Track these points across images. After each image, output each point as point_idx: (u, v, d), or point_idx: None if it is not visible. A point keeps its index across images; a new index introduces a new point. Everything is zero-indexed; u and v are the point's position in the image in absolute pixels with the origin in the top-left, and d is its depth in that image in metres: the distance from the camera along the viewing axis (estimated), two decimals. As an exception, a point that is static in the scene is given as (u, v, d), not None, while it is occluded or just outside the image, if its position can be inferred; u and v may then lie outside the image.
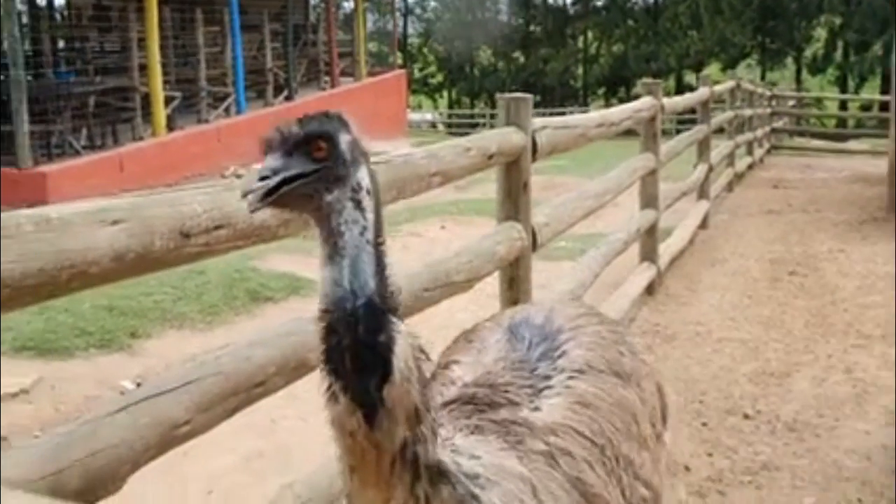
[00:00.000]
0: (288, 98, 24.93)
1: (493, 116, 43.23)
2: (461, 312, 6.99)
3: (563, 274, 7.09)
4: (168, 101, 19.57)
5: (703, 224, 12.12)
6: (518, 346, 2.48)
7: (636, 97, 9.09)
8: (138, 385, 6.95)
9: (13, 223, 1.89)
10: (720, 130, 14.72)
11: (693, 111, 13.57)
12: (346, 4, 39.14)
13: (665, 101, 9.18)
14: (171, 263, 2.34)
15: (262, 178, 1.86)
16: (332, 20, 29.43)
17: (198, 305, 8.61)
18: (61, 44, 22.51)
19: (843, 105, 41.97)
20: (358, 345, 1.85)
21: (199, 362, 2.63)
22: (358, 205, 1.92)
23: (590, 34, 57.09)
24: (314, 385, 2.98)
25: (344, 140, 1.94)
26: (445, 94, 60.19)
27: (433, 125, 48.72)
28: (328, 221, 1.90)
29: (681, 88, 45.83)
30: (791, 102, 29.01)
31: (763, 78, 46.06)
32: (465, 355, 2.51)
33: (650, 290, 8.72)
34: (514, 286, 4.92)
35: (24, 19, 20.74)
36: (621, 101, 48.35)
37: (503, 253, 4.58)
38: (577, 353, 2.47)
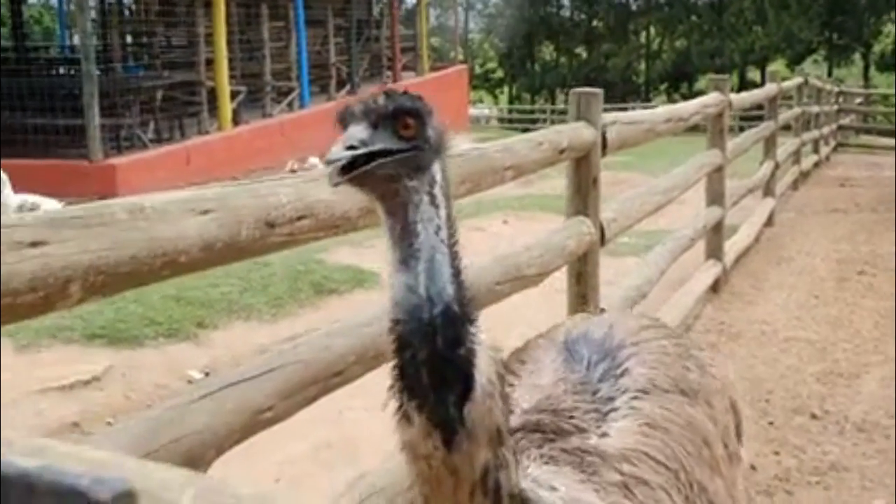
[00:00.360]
0: (350, 92, 25.05)
1: (553, 112, 43.19)
2: (529, 309, 7.00)
3: (628, 270, 7.07)
4: (233, 95, 19.79)
5: (769, 222, 11.98)
6: (576, 366, 2.31)
7: (699, 93, 9.02)
8: (206, 374, 7.07)
9: (108, 211, 1.94)
10: (786, 127, 14.55)
11: (758, 108, 13.41)
12: (408, 0, 39.32)
13: (733, 97, 9.10)
14: (256, 253, 2.38)
15: (349, 148, 1.69)
16: (395, 15, 29.54)
17: (263, 297, 8.70)
18: (129, 38, 22.86)
19: (912, 102, 41.15)
20: (436, 358, 1.68)
21: (279, 351, 2.67)
22: (433, 200, 1.76)
23: (652, 29, 56.72)
24: (381, 377, 3.01)
25: (432, 124, 1.80)
26: (506, 89, 60.13)
27: (487, 120, 48.58)
28: (404, 214, 1.74)
29: (744, 84, 45.33)
30: (858, 99, 28.55)
31: (830, 74, 45.35)
32: (519, 378, 2.34)
33: (715, 287, 8.65)
34: (583, 281, 4.93)
35: (94, 14, 21.08)
36: (683, 96, 47.97)
37: (573, 247, 4.59)
38: (639, 371, 2.30)
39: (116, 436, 2.22)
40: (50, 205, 11.21)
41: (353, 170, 1.68)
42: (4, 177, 11.29)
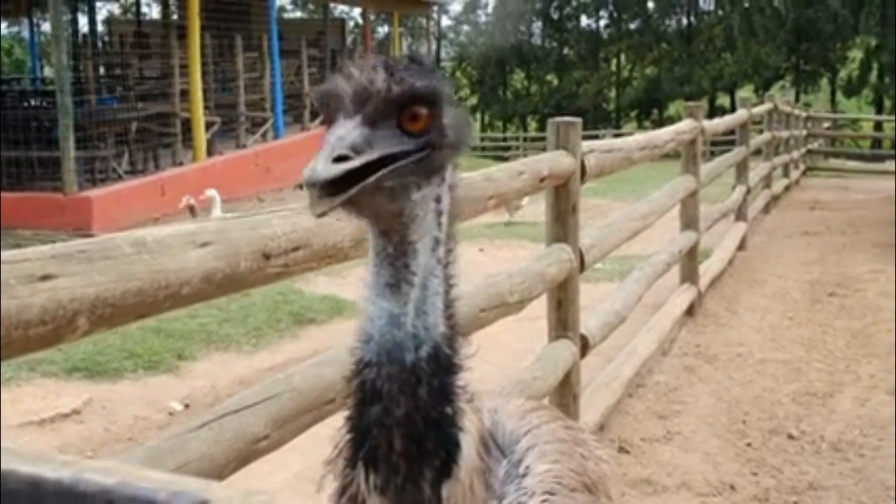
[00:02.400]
0: (323, 122, 25.07)
1: (525, 139, 43.45)
2: (505, 334, 7.06)
3: (603, 295, 7.15)
4: (208, 126, 19.81)
5: (742, 245, 12.10)
6: None
7: (670, 119, 9.15)
8: (186, 406, 7.08)
9: (112, 245, 1.99)
10: (756, 152, 14.73)
11: (728, 133, 13.57)
12: (380, 30, 39.52)
13: (705, 123, 9.23)
14: (253, 284, 2.43)
15: (339, 160, 1.23)
16: (368, 45, 29.67)
17: (242, 328, 8.73)
18: (102, 70, 22.83)
19: (879, 126, 41.68)
20: (417, 418, 1.29)
21: (273, 380, 2.72)
22: (438, 211, 1.37)
23: (623, 57, 57.21)
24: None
25: (450, 110, 1.36)
26: (478, 116, 60.36)
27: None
28: (405, 232, 1.34)
29: (713, 110, 45.75)
30: (826, 124, 28.89)
31: (797, 99, 45.87)
32: None
33: (691, 311, 8.73)
34: (563, 307, 5.00)
35: (67, 46, 21.04)
36: (654, 123, 48.49)
37: (554, 274, 4.67)
38: (542, 468, 1.91)
39: (118, 465, 2.26)
40: None
41: (345, 186, 1.24)
42: None
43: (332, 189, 1.22)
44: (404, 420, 1.28)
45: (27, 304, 1.73)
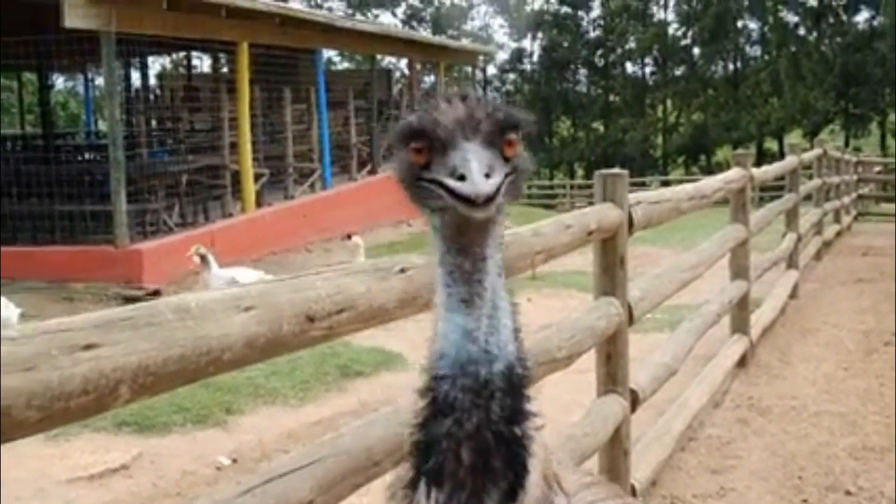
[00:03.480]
0: (371, 172, 25.28)
1: (572, 187, 43.41)
2: (552, 388, 6.98)
3: (653, 346, 7.06)
4: (257, 178, 19.99)
5: (794, 294, 11.92)
6: None
7: (717, 165, 9.06)
8: (234, 461, 7.07)
9: (156, 311, 1.98)
10: (806, 198, 14.56)
11: (776, 179, 13.43)
12: (426, 79, 39.82)
13: (754, 171, 9.14)
14: (296, 347, 2.40)
15: (486, 176, 1.29)
16: (415, 95, 29.88)
17: (290, 381, 8.74)
18: (154, 123, 23.18)
19: (930, 170, 41.09)
20: (487, 434, 1.27)
21: (321, 442, 2.68)
22: (498, 236, 1.41)
23: (669, 103, 57.16)
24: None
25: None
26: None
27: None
28: (484, 249, 1.36)
29: (761, 155, 45.48)
30: (877, 168, 28.55)
31: (847, 144, 45.47)
32: None
33: (742, 362, 8.60)
34: (612, 361, 4.93)
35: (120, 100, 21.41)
36: (701, 169, 48.28)
37: (602, 328, 4.61)
38: None
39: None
40: None
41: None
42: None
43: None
44: (475, 433, 1.27)
45: (69, 374, 1.72)
